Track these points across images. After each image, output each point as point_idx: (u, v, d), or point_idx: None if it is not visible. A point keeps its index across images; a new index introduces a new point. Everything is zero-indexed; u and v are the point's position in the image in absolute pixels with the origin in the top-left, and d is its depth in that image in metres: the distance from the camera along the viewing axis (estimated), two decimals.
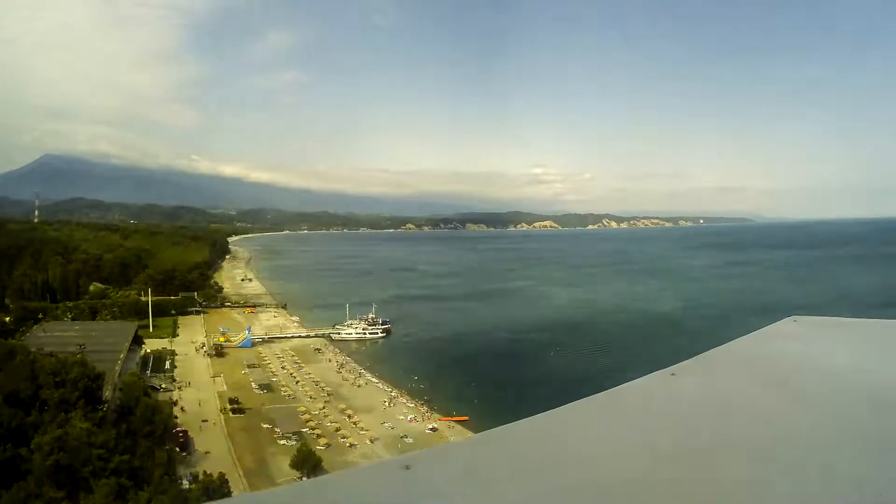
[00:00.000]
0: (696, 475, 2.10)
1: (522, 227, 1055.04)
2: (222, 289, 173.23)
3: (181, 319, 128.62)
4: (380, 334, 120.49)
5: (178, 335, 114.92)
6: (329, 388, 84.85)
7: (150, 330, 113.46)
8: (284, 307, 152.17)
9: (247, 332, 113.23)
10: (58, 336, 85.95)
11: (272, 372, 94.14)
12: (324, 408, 76.89)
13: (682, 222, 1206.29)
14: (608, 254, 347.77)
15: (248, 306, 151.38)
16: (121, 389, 63.56)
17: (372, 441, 66.72)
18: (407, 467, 2.00)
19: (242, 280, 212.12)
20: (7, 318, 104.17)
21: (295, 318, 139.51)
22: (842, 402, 2.94)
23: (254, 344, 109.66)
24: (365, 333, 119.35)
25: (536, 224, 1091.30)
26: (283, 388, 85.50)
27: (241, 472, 57.65)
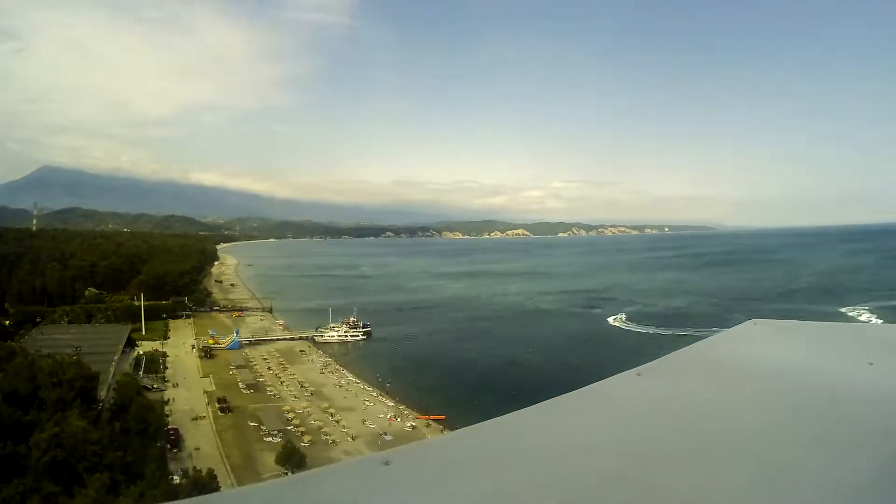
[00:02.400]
0: (661, 470, 2.14)
1: (496, 234, 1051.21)
2: (211, 293, 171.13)
3: (172, 323, 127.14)
4: (361, 337, 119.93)
5: (169, 338, 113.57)
6: (312, 388, 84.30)
7: (143, 333, 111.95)
8: (270, 311, 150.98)
9: (234, 334, 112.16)
10: (55, 338, 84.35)
11: (258, 372, 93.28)
12: (307, 407, 76.36)
13: (647, 230, 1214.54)
14: None
15: (235, 310, 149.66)
16: (115, 389, 62.74)
17: (353, 438, 66.43)
18: (387, 463, 2.02)
19: (231, 285, 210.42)
20: (7, 322, 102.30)
21: (280, 322, 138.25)
22: (799, 400, 2.99)
23: (241, 346, 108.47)
24: (347, 336, 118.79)
25: (509, 232, 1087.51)
26: (268, 388, 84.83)
27: (228, 468, 57.17)
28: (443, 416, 71.60)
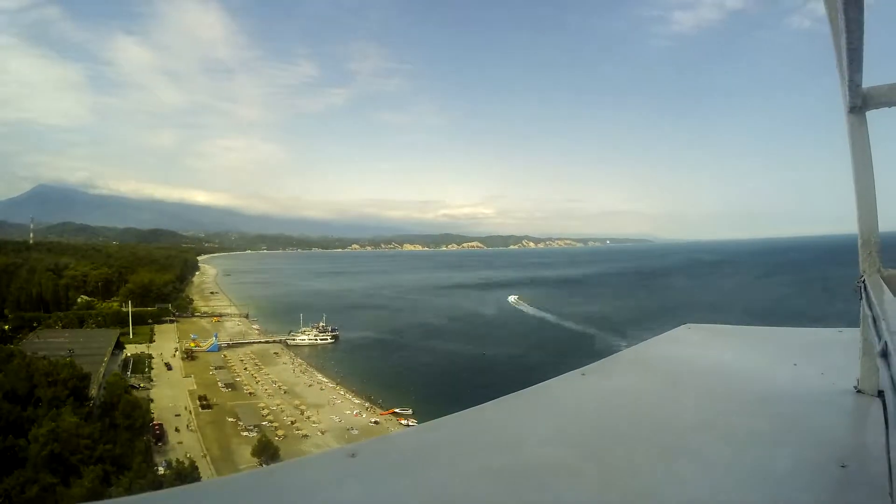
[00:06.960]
0: (606, 462, 2.17)
1: (452, 247, 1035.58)
2: (192, 301, 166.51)
3: (157, 327, 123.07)
4: (329, 340, 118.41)
5: (154, 341, 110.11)
6: (285, 387, 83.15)
7: (131, 336, 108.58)
8: (247, 316, 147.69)
9: (214, 338, 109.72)
10: (50, 342, 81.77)
11: (236, 373, 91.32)
12: (281, 404, 75.19)
13: (591, 243, 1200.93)
14: None
15: (214, 315, 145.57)
16: (105, 388, 61.29)
17: (322, 433, 65.76)
18: (353, 455, 2.03)
19: (210, 293, 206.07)
20: (6, 327, 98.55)
21: (256, 326, 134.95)
22: (731, 398, 3.00)
23: (220, 348, 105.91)
24: (316, 339, 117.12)
25: (465, 244, 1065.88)
26: (245, 387, 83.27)
27: (209, 460, 56.23)
28: (392, 410, 71.61)
